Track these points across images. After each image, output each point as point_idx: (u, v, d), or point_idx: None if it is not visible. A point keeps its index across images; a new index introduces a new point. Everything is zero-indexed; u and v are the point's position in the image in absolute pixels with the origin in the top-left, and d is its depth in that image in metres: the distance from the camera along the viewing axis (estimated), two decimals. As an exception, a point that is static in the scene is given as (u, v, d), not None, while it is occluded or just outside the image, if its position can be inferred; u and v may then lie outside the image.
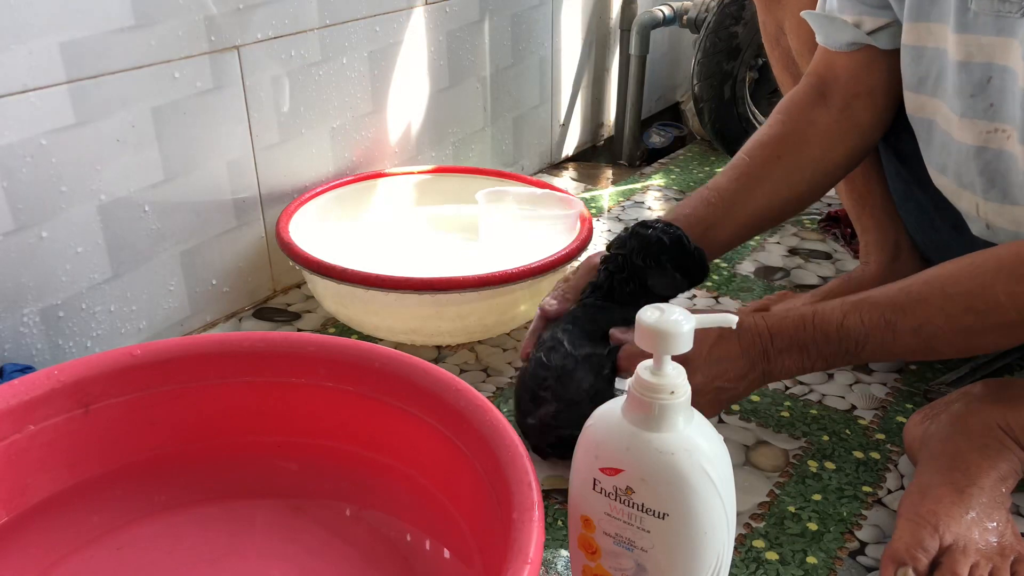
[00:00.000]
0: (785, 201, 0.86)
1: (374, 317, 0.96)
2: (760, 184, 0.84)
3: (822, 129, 0.84)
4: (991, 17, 0.68)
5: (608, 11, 1.60)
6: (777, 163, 0.84)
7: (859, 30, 0.80)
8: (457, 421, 0.63)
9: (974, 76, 0.71)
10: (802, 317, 0.71)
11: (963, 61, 0.71)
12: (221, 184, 1.00)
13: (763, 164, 0.84)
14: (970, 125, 0.72)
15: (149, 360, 0.69)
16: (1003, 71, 0.69)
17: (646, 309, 0.51)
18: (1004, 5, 0.67)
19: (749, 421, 0.85)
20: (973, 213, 0.77)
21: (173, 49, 0.91)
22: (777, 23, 0.97)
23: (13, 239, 0.82)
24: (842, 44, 0.82)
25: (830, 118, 0.84)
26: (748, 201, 0.84)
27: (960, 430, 0.71)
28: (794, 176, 0.84)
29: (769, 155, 0.85)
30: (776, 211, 0.86)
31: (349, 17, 1.09)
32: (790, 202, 0.86)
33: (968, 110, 0.72)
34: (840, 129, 0.84)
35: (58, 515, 0.65)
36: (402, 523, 0.66)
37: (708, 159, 1.61)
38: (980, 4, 0.68)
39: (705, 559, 0.52)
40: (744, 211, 0.84)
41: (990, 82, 0.70)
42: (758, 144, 0.86)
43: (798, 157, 0.84)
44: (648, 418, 0.51)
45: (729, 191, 0.84)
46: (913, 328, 0.68)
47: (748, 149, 0.86)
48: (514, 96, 1.44)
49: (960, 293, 0.67)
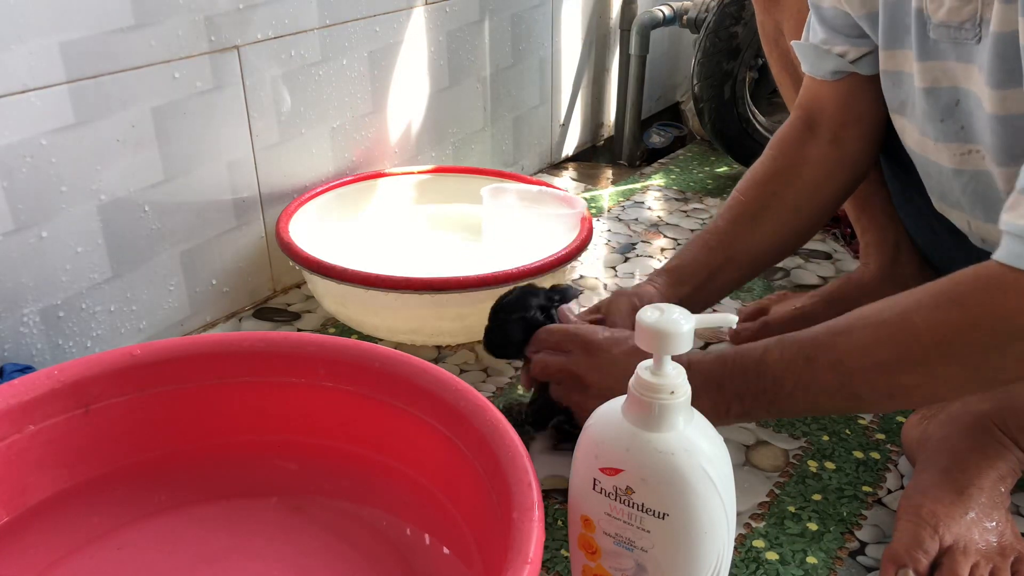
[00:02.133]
0: (785, 238, 0.86)
1: (374, 317, 0.96)
2: (759, 224, 0.84)
3: (814, 163, 0.84)
4: (950, 44, 0.68)
5: (608, 11, 1.60)
6: (773, 200, 0.85)
7: (843, 59, 0.80)
8: (457, 421, 0.63)
9: (942, 100, 0.71)
10: (722, 354, 0.65)
11: (929, 87, 0.72)
12: (221, 184, 1.00)
13: (760, 203, 0.85)
14: (946, 148, 0.73)
15: (149, 360, 0.69)
16: (968, 95, 0.69)
17: (646, 309, 0.51)
18: (960, 32, 0.67)
19: (749, 421, 0.85)
20: (967, 229, 0.78)
21: (173, 49, 0.91)
22: (776, 24, 0.97)
23: (13, 239, 0.82)
24: (827, 72, 0.82)
25: (820, 151, 0.84)
26: (748, 242, 0.84)
27: (958, 430, 0.71)
28: (791, 212, 0.85)
29: (765, 193, 0.85)
30: (777, 249, 0.86)
31: (349, 17, 1.09)
32: (790, 238, 0.86)
33: (941, 134, 0.72)
34: (831, 160, 0.84)
35: (58, 515, 0.65)
36: (402, 523, 0.66)
37: (708, 159, 1.61)
38: (938, 32, 0.68)
39: (705, 559, 0.52)
40: (746, 252, 0.84)
41: (958, 105, 0.70)
42: (753, 183, 0.86)
43: (794, 193, 0.85)
44: (648, 418, 0.51)
45: (728, 234, 0.84)
46: (831, 363, 0.61)
47: (744, 188, 0.86)
48: (514, 96, 1.44)
49: (878, 323, 0.60)
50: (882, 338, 0.59)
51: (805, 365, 0.61)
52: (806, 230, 0.87)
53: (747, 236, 0.84)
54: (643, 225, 1.32)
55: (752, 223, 0.84)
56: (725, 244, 0.84)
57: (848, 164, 0.85)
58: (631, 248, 1.24)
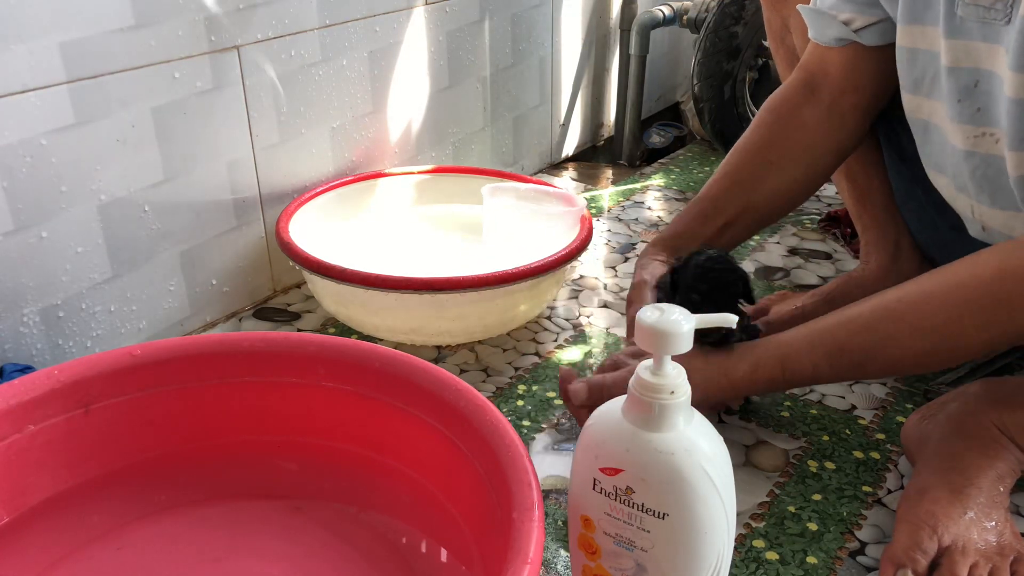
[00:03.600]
0: (778, 203, 0.88)
1: (374, 317, 0.96)
2: (753, 190, 0.86)
3: (811, 128, 0.85)
4: (977, 23, 0.68)
5: (608, 11, 1.60)
6: (768, 169, 0.86)
7: (847, 27, 0.80)
8: (457, 421, 0.63)
9: (962, 80, 0.71)
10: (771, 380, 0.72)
11: (951, 66, 0.72)
12: (221, 184, 1.00)
13: (753, 170, 0.86)
14: (960, 129, 0.73)
15: (149, 360, 0.69)
16: (990, 76, 0.69)
17: (646, 309, 0.51)
18: (989, 12, 0.67)
19: (749, 421, 0.85)
20: (969, 215, 0.77)
21: (173, 49, 0.91)
22: (782, 21, 0.97)
23: (13, 239, 0.82)
24: (831, 39, 0.83)
25: (818, 116, 0.85)
26: (742, 209, 0.86)
27: (957, 430, 0.71)
28: (784, 178, 0.86)
29: (759, 161, 0.86)
30: (771, 213, 0.88)
31: (349, 17, 1.09)
32: (782, 202, 0.88)
33: (957, 114, 0.72)
34: (828, 126, 0.85)
35: (58, 515, 0.65)
36: (402, 523, 0.66)
37: (708, 159, 1.61)
38: (966, 10, 0.68)
39: (705, 559, 0.52)
40: (741, 221, 0.86)
41: (977, 86, 0.70)
42: (746, 149, 0.87)
43: (788, 160, 0.86)
44: (648, 418, 0.51)
45: (721, 200, 0.86)
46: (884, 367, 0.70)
47: (738, 151, 0.87)
48: (514, 96, 1.44)
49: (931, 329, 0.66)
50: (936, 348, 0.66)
51: (855, 371, 0.70)
52: (798, 195, 0.89)
53: (741, 203, 0.85)
54: (643, 225, 1.32)
55: (746, 190, 0.86)
56: (719, 211, 0.85)
57: (843, 132, 0.86)
58: (631, 248, 1.24)
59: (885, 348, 0.68)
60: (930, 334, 0.66)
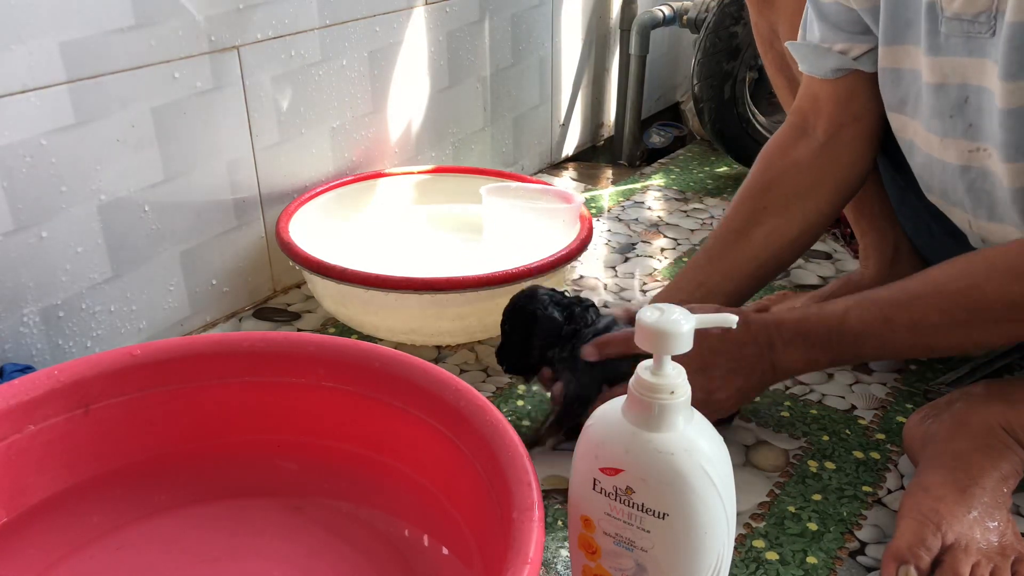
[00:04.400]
0: (778, 250, 0.85)
1: (374, 317, 0.96)
2: (746, 238, 0.84)
3: (803, 168, 0.84)
4: (961, 38, 0.68)
5: (608, 11, 1.60)
6: (762, 215, 0.84)
7: (845, 56, 0.80)
8: (457, 421, 0.63)
9: (951, 97, 0.71)
10: (806, 312, 0.73)
11: (938, 84, 0.72)
12: (221, 184, 1.00)
13: (747, 218, 0.84)
14: (952, 145, 0.73)
15: (149, 360, 0.69)
16: (979, 91, 0.69)
17: (646, 309, 0.51)
18: (973, 26, 0.67)
19: (749, 421, 0.85)
20: (967, 228, 0.78)
21: (173, 49, 0.91)
22: (770, 25, 0.96)
23: (13, 239, 0.82)
24: (828, 71, 0.82)
25: (812, 152, 0.83)
26: (736, 256, 0.84)
27: (962, 430, 0.71)
28: (782, 223, 0.84)
29: (753, 208, 0.85)
30: (772, 261, 0.85)
31: (349, 17, 1.09)
32: (782, 246, 0.85)
33: (949, 130, 0.72)
34: (824, 162, 0.83)
35: (58, 515, 0.65)
36: (402, 523, 0.66)
37: (708, 159, 1.61)
38: (949, 26, 0.68)
39: (705, 559, 0.52)
40: (738, 269, 0.84)
41: (967, 102, 0.70)
42: (741, 198, 0.86)
43: (781, 204, 0.84)
44: (648, 418, 0.51)
45: (715, 250, 0.85)
46: (909, 324, 0.70)
47: (735, 203, 0.86)
48: (514, 96, 1.44)
49: (954, 291, 0.68)
50: (958, 304, 0.68)
51: (884, 326, 0.70)
52: (801, 240, 0.86)
53: (737, 253, 0.84)
54: (643, 225, 1.32)
55: (740, 239, 0.84)
56: (713, 260, 0.84)
57: (844, 165, 0.84)
58: (631, 248, 1.24)
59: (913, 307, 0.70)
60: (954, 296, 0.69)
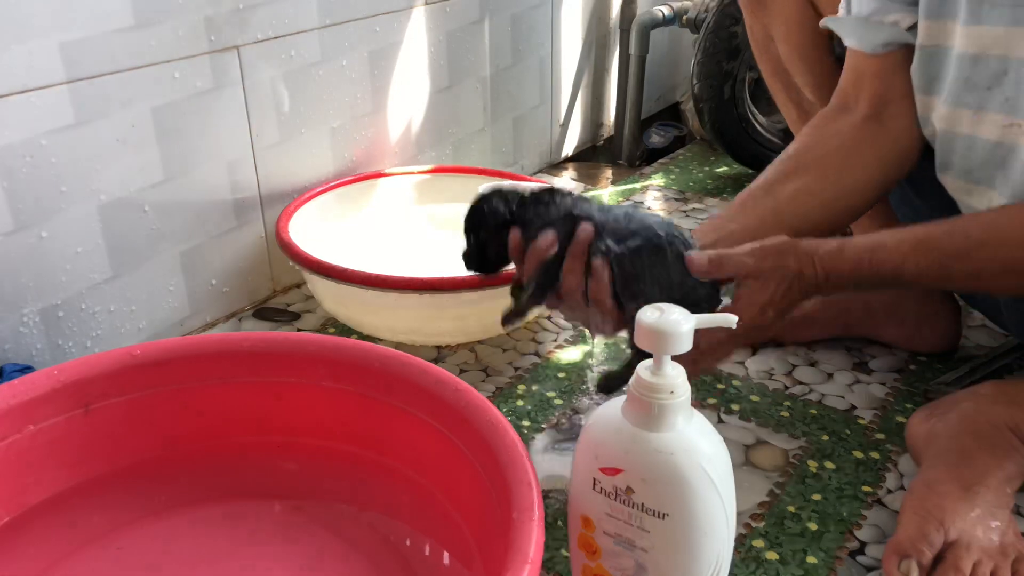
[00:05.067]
0: (805, 208, 0.80)
1: (374, 317, 0.96)
2: (771, 195, 0.80)
3: (846, 133, 0.81)
4: (1007, 8, 0.67)
5: (608, 11, 1.60)
6: (792, 174, 0.81)
7: (897, 27, 0.77)
8: (457, 421, 0.63)
9: (990, 68, 0.70)
10: (858, 260, 0.70)
11: (976, 54, 0.71)
12: (221, 184, 1.00)
13: (775, 176, 0.81)
14: (988, 118, 0.72)
15: (149, 360, 0.69)
16: (1020, 65, 0.68)
17: (646, 309, 0.51)
18: None
19: (749, 421, 0.85)
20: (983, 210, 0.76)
21: (173, 49, 0.91)
22: (764, 28, 0.95)
23: (13, 239, 0.82)
24: (877, 45, 0.79)
25: (853, 124, 0.81)
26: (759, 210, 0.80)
27: (969, 429, 0.71)
28: (811, 182, 0.80)
29: (783, 168, 0.81)
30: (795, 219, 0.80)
31: (349, 17, 1.09)
32: (813, 209, 0.80)
33: (986, 102, 0.71)
34: (865, 133, 0.81)
35: (58, 515, 0.65)
36: (402, 523, 0.66)
37: (708, 159, 1.61)
38: None
39: (705, 559, 0.52)
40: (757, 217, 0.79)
41: (1006, 75, 0.70)
42: (779, 159, 0.83)
43: (816, 163, 0.81)
44: (648, 418, 0.51)
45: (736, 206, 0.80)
46: (969, 274, 0.71)
47: (771, 165, 0.83)
48: (514, 96, 1.44)
49: (1016, 243, 0.68)
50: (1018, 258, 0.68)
51: (941, 273, 0.70)
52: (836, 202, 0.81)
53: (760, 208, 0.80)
54: (643, 225, 1.32)
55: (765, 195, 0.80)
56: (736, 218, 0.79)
57: (889, 137, 0.80)
58: (631, 248, 1.24)
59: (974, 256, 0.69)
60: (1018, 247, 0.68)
